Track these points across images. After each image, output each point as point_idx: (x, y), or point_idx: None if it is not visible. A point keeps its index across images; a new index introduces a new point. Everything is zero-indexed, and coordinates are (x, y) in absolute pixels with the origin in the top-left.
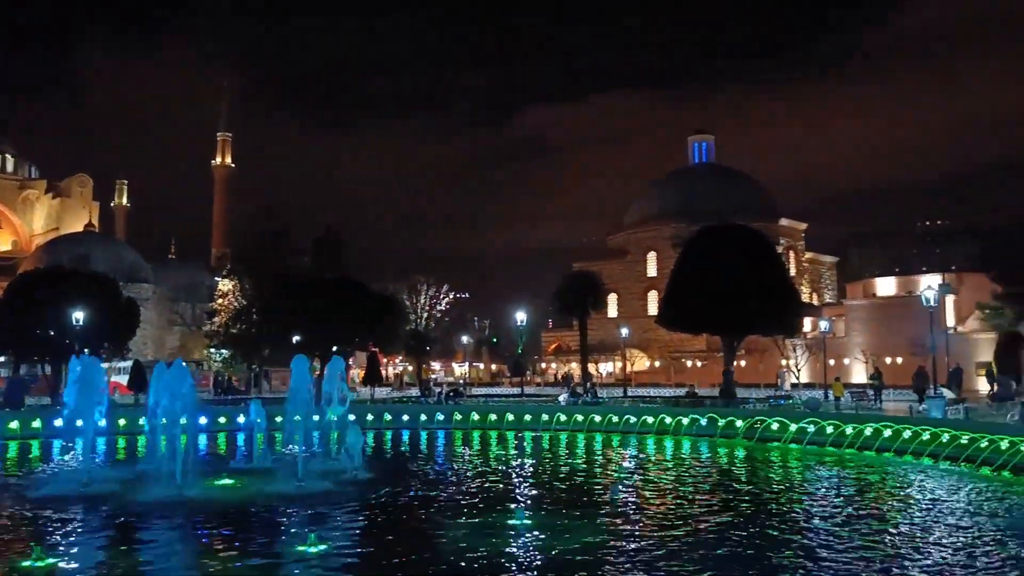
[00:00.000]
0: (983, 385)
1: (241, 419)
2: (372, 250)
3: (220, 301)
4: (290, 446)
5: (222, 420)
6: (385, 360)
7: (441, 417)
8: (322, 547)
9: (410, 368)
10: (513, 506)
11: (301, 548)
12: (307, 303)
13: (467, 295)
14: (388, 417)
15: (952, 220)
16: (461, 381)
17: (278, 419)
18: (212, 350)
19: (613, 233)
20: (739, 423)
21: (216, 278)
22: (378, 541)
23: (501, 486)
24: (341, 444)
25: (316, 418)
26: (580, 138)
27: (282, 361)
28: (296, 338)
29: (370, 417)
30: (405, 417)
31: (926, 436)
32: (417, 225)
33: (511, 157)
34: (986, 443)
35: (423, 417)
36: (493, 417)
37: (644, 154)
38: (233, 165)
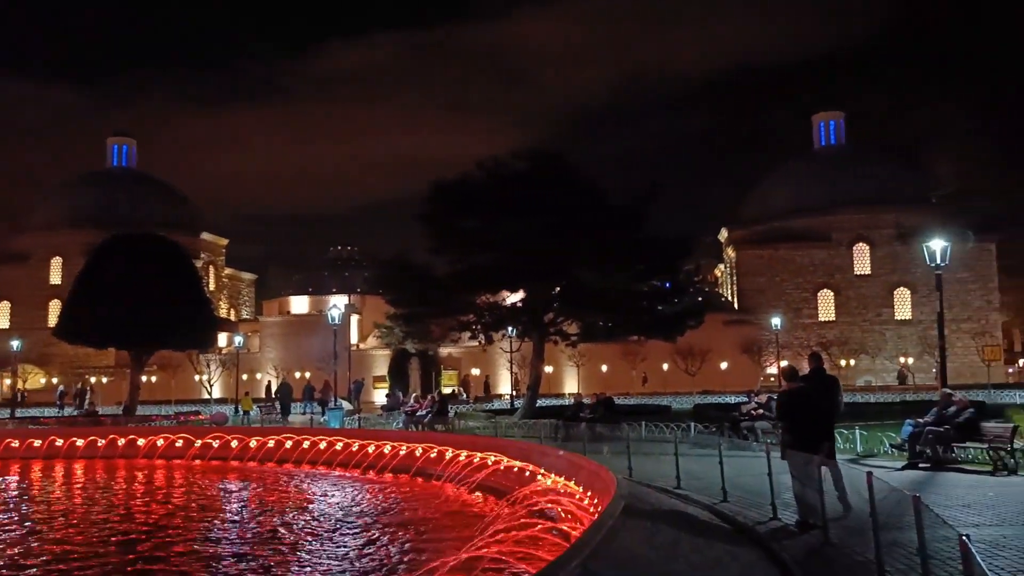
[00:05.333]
0: (380, 397)
1: None
2: None
3: None
4: None
5: None
6: None
7: None
8: None
9: None
10: None
11: None
12: None
13: None
14: None
15: (359, 247)
16: None
17: None
18: None
19: (13, 235)
20: (141, 441)
21: None
22: None
23: None
24: None
25: None
26: None
27: None
28: None
29: None
30: None
31: (323, 445)
32: None
33: None
34: (372, 448)
35: None
36: None
37: (56, 151)
38: None
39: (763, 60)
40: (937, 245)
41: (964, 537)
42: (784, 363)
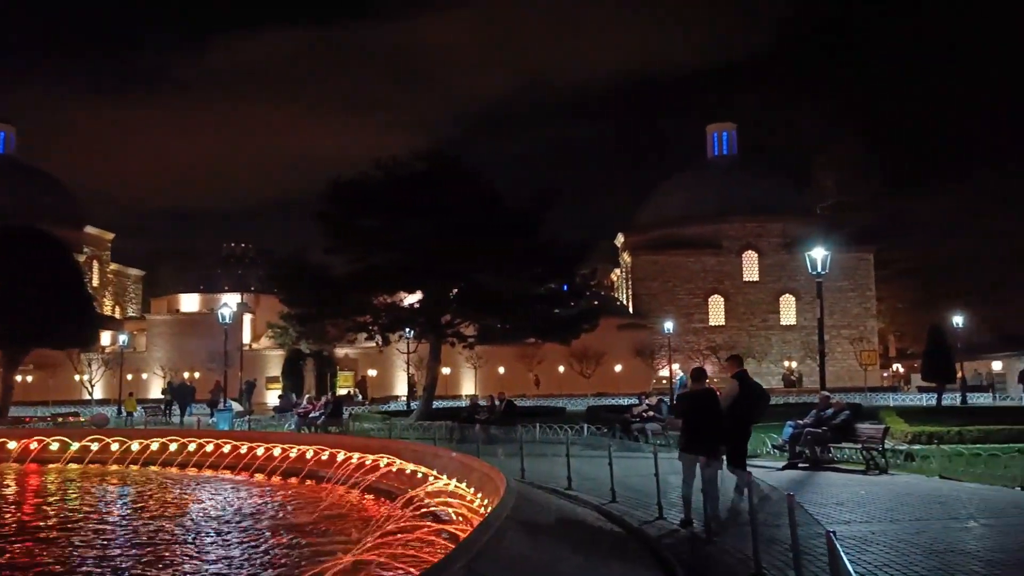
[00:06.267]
0: (272, 398)
1: None
2: None
3: None
4: None
5: None
6: None
7: None
8: None
9: None
10: None
11: None
12: None
13: None
14: None
15: (254, 245)
16: None
17: None
18: None
19: None
20: (12, 444)
21: None
22: None
23: None
24: None
25: None
26: None
27: None
28: None
29: None
30: None
31: (210, 448)
32: None
33: None
34: (261, 451)
35: None
36: None
37: None
38: None
39: (660, 70)
40: (818, 254)
41: (831, 534)
42: (675, 366)
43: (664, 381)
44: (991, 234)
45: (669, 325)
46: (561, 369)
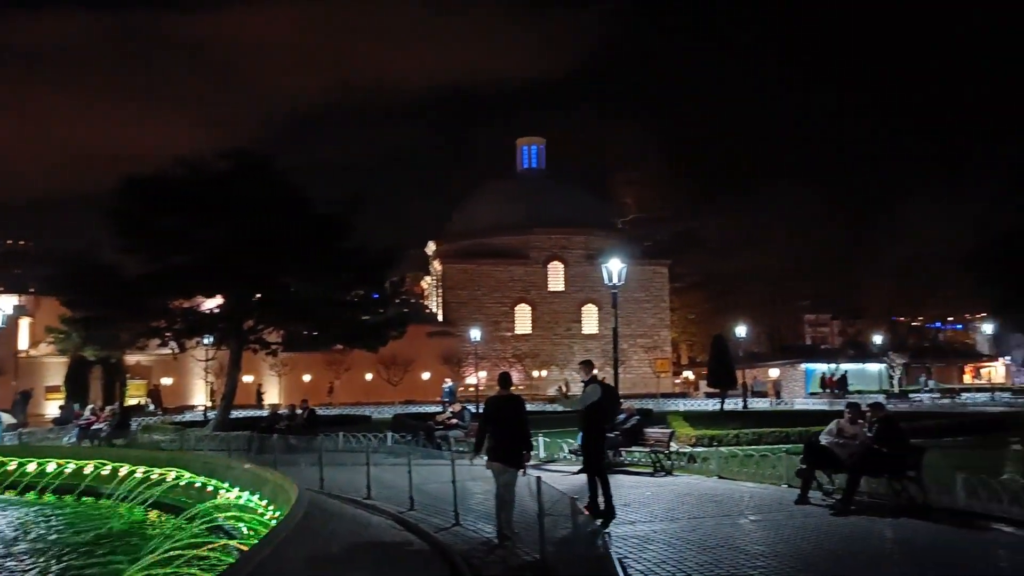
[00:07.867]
0: (52, 409)
1: None
2: None
3: None
4: None
5: None
6: None
7: None
8: None
9: None
10: None
11: None
12: None
13: None
14: None
15: (35, 242)
16: None
17: None
18: None
19: None
20: None
21: None
22: None
23: None
24: None
25: None
26: None
27: None
28: None
29: None
30: None
31: None
32: None
33: None
34: (34, 467)
35: None
36: None
37: None
38: None
39: (476, 83)
40: (614, 266)
41: (606, 534)
42: (481, 374)
43: (471, 388)
44: (769, 250)
45: (476, 333)
46: (369, 376)
